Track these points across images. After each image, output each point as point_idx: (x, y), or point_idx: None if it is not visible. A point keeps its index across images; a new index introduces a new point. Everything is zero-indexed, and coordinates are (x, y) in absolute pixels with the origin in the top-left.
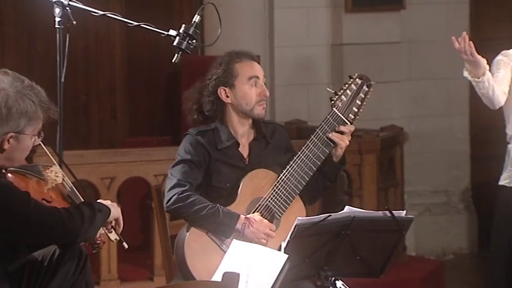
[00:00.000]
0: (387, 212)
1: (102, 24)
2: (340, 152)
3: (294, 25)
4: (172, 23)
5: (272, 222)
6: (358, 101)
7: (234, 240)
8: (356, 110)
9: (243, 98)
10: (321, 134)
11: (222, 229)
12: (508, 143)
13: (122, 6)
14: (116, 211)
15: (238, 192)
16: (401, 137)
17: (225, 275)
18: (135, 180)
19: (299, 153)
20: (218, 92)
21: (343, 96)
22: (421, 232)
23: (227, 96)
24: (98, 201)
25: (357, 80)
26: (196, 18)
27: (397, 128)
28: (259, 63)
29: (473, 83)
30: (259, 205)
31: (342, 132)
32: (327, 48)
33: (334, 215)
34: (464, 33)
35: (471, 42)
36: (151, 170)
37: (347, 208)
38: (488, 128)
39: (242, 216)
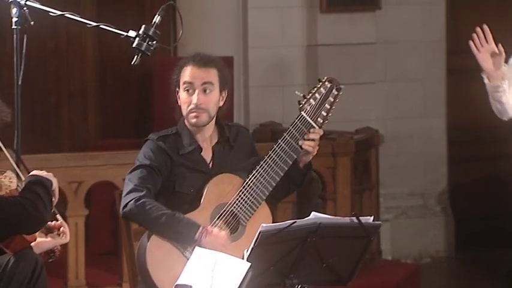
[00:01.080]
0: (354, 218)
1: (73, 25)
2: (309, 158)
3: (268, 25)
4: (144, 22)
5: (237, 229)
6: (327, 105)
7: (197, 247)
8: (325, 114)
9: (182, 103)
10: (288, 138)
11: (181, 237)
12: None
13: (93, 5)
14: (54, 179)
15: (203, 198)
16: (377, 139)
17: (177, 287)
18: (106, 184)
19: (266, 158)
20: (177, 95)
21: (311, 100)
22: (398, 235)
23: (179, 98)
24: (34, 172)
25: (326, 83)
26: (157, 18)
27: (372, 130)
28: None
29: (490, 90)
30: (224, 211)
31: (312, 139)
32: (301, 49)
33: (299, 222)
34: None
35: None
36: (119, 173)
37: (313, 214)
38: (465, 130)
39: (200, 226)
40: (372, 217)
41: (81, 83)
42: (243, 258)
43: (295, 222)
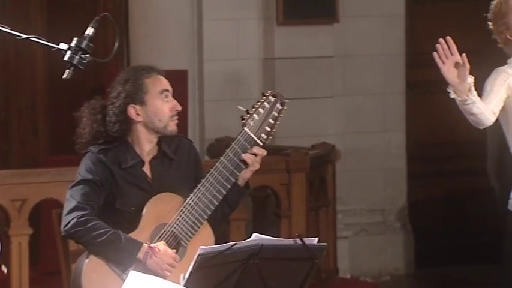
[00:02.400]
0: (298, 240)
1: None
2: (249, 174)
3: (224, 38)
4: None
5: (178, 250)
6: (271, 120)
7: (132, 271)
8: (269, 129)
9: (156, 114)
10: (231, 155)
11: (123, 257)
12: None
13: (43, 14)
14: None
15: (142, 217)
16: (333, 154)
17: None
18: (56, 201)
19: (207, 176)
20: (127, 111)
21: (255, 115)
22: (356, 253)
23: (138, 114)
24: None
25: (270, 97)
26: (90, 30)
27: (328, 146)
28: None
29: (458, 103)
30: (164, 231)
31: (254, 154)
32: (258, 62)
33: (240, 243)
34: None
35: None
36: (65, 191)
37: (254, 236)
38: (425, 145)
39: (145, 245)
40: (317, 238)
41: (31, 97)
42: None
43: (236, 244)
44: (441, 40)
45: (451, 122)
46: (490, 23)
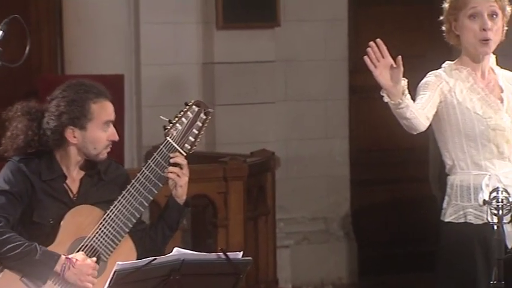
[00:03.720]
0: (221, 254)
1: None
2: (180, 191)
3: (162, 42)
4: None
5: (98, 265)
6: (195, 130)
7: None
8: (193, 139)
9: (93, 142)
10: (153, 166)
11: (40, 270)
12: (449, 175)
13: None
14: None
15: (59, 231)
16: (273, 162)
17: None
18: None
19: (129, 187)
20: (65, 132)
21: (178, 125)
22: (299, 262)
23: (74, 137)
24: None
25: (194, 107)
26: None
27: (268, 153)
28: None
29: (392, 107)
30: (83, 245)
31: (178, 165)
32: (197, 66)
33: (160, 259)
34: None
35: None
36: None
37: (175, 250)
38: (369, 151)
39: (62, 257)
40: (242, 252)
41: None
42: None
43: (155, 259)
44: (371, 43)
45: (395, 128)
46: (444, 8)
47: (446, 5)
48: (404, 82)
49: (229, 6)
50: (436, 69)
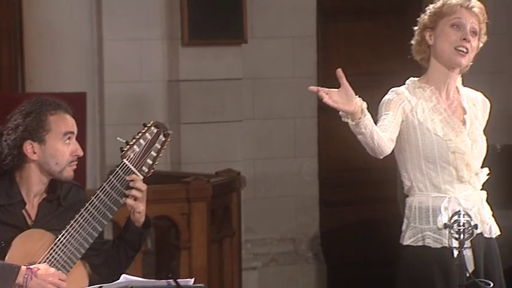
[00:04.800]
0: (172, 281)
1: None
2: (138, 216)
3: (126, 59)
4: None
5: None
6: (153, 152)
7: None
8: (151, 162)
9: (54, 156)
10: (108, 189)
11: (0, 285)
12: (407, 196)
13: None
14: None
15: (7, 255)
16: (238, 182)
17: None
18: None
19: (82, 210)
20: (23, 147)
21: (135, 146)
22: (266, 284)
23: (34, 152)
24: None
25: (152, 128)
26: None
27: (233, 172)
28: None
29: (351, 127)
30: None
31: (135, 190)
32: (162, 84)
33: (106, 286)
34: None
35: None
36: None
37: (123, 277)
38: (338, 171)
39: (23, 267)
40: (193, 279)
41: None
42: None
43: (101, 286)
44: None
45: (364, 147)
46: (422, 17)
47: (427, 13)
48: (359, 99)
49: (194, 22)
50: (399, 86)
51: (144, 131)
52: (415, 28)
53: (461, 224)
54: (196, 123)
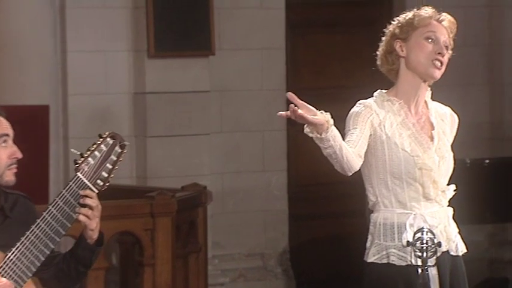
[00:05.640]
0: None
1: None
2: (90, 233)
3: (91, 71)
4: None
5: None
6: (108, 165)
7: None
8: (106, 175)
9: None
10: (61, 204)
11: None
12: (372, 212)
13: None
14: None
15: None
16: (204, 196)
17: None
18: None
19: (33, 227)
20: None
21: (90, 159)
22: None
23: None
24: None
25: (108, 139)
26: None
27: (199, 187)
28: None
29: (319, 142)
30: None
31: (88, 206)
32: (128, 96)
33: None
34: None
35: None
36: None
37: None
38: (308, 185)
39: None
40: None
41: None
42: None
43: None
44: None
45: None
46: (391, 27)
47: (396, 23)
48: (325, 114)
49: (161, 34)
50: (367, 98)
51: (99, 142)
52: (382, 39)
53: (424, 241)
54: (163, 137)
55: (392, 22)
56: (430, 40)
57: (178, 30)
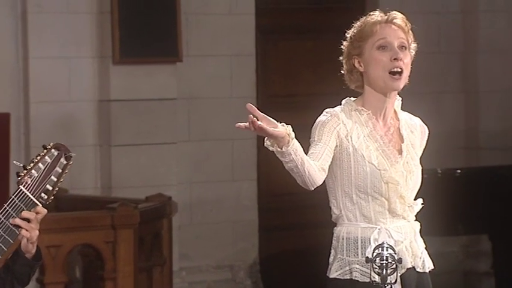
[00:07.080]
0: None
1: None
2: (29, 247)
3: (53, 78)
4: None
5: None
6: (53, 177)
7: None
8: (51, 188)
9: None
10: (3, 219)
11: None
12: (335, 225)
13: None
14: None
15: None
16: (169, 207)
17: None
18: None
19: None
20: None
21: (33, 171)
22: None
23: None
24: None
25: (53, 150)
26: None
27: (164, 197)
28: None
29: (279, 155)
30: None
31: (28, 220)
32: (92, 104)
33: None
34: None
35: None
36: None
37: None
38: (278, 195)
39: None
40: None
41: None
42: None
43: None
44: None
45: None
46: (345, 46)
47: (347, 40)
48: (286, 126)
49: (126, 40)
50: (334, 106)
51: (43, 153)
52: (341, 58)
53: (384, 258)
54: (128, 146)
55: (345, 39)
56: (382, 48)
57: (144, 36)
